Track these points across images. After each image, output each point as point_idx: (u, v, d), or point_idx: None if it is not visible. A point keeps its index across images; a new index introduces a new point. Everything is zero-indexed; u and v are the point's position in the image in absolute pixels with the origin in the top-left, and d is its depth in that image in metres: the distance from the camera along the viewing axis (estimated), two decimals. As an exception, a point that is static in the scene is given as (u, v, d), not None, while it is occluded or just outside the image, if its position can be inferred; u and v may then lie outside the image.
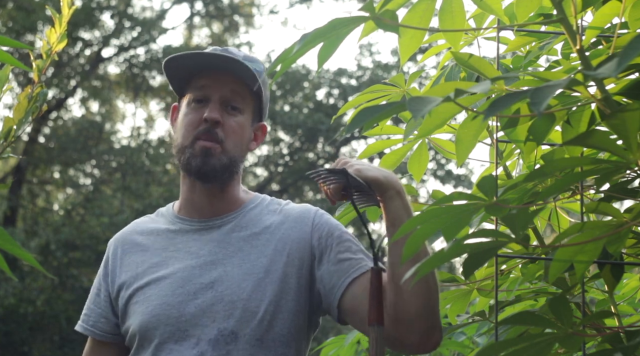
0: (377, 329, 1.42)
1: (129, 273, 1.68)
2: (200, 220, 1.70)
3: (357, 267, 1.61)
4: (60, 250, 12.66)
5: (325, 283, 1.62)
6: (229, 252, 1.65)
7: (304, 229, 1.67)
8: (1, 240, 0.89)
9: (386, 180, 1.50)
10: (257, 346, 1.58)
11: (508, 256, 1.52)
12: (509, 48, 1.48)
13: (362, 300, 1.56)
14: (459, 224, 0.94)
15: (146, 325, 1.61)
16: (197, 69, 1.70)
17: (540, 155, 1.32)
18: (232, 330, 1.57)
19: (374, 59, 16.68)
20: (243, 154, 1.71)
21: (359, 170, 1.50)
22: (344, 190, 1.52)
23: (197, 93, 1.68)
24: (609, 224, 0.99)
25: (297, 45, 1.03)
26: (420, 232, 0.94)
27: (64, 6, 1.32)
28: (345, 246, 1.64)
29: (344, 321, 1.63)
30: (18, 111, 1.23)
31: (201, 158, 1.64)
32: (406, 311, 1.50)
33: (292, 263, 1.63)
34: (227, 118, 1.67)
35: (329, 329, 12.63)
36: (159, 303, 1.61)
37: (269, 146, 16.47)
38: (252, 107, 1.72)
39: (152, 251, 1.70)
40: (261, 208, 1.73)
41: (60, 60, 14.27)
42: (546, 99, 0.81)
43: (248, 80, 1.68)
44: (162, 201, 12.92)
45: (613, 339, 1.16)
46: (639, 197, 1.21)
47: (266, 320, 1.58)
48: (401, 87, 1.64)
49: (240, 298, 1.59)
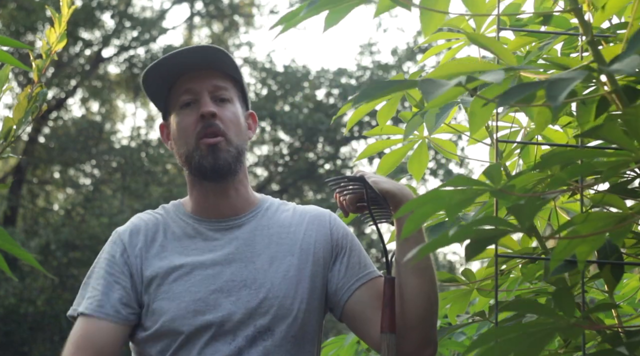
0: (389, 337, 1.45)
1: (152, 268, 1.63)
2: (220, 220, 1.69)
3: (367, 272, 1.65)
4: (60, 250, 12.66)
5: (333, 283, 1.65)
6: (257, 250, 1.65)
7: (324, 231, 1.70)
8: (1, 240, 0.89)
9: (401, 193, 1.54)
10: (291, 343, 1.60)
11: (508, 256, 1.52)
12: (509, 48, 1.48)
13: (367, 304, 1.61)
14: (462, 206, 0.94)
15: (181, 321, 1.58)
16: (177, 73, 1.69)
17: (541, 155, 1.32)
18: (269, 327, 1.59)
19: (374, 59, 16.69)
20: (245, 143, 1.71)
21: (375, 181, 1.52)
22: (358, 202, 1.55)
23: (184, 97, 1.68)
24: (613, 215, 0.98)
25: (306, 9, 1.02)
26: (422, 211, 0.94)
27: (63, 6, 1.32)
28: (357, 251, 1.68)
29: (341, 321, 1.67)
30: (18, 111, 1.23)
31: (211, 156, 1.63)
32: (406, 321, 1.54)
33: (318, 263, 1.66)
34: (220, 110, 1.67)
35: (329, 329, 12.64)
36: (193, 299, 1.59)
37: (269, 146, 16.47)
38: (237, 96, 1.73)
39: (172, 248, 1.66)
40: (275, 208, 1.74)
41: (60, 60, 14.27)
42: (564, 92, 0.79)
43: (227, 68, 1.69)
44: (162, 201, 12.86)
45: (613, 339, 1.16)
46: (639, 197, 1.21)
47: (300, 318, 1.61)
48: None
49: (275, 296, 1.60)
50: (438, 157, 14.68)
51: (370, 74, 15.98)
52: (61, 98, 14.88)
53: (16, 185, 13.93)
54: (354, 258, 1.66)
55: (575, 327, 0.96)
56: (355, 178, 1.50)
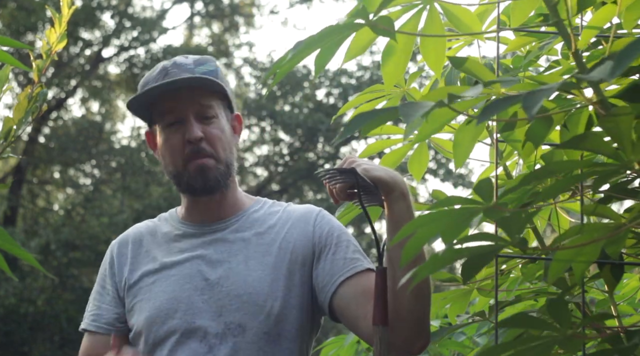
0: (381, 329, 1.43)
1: (136, 272, 1.71)
2: (205, 225, 1.73)
3: (352, 266, 1.62)
4: (60, 250, 12.66)
5: (319, 281, 1.64)
6: (234, 251, 1.68)
7: (307, 228, 1.69)
8: (1, 240, 0.89)
9: (392, 180, 1.50)
10: (264, 339, 1.60)
11: (508, 256, 1.52)
12: (509, 48, 1.48)
13: (352, 299, 1.59)
14: (458, 228, 0.94)
15: (154, 319, 1.63)
16: (155, 98, 1.68)
17: (540, 155, 1.32)
18: (240, 323, 1.60)
19: (373, 59, 16.69)
20: (234, 155, 1.73)
21: (366, 169, 1.50)
22: (349, 190, 1.53)
23: (170, 117, 1.68)
24: (607, 226, 0.99)
25: (291, 53, 1.03)
26: (419, 235, 0.94)
27: (63, 6, 1.32)
28: (342, 246, 1.66)
29: (337, 320, 1.66)
30: (18, 111, 1.23)
31: (200, 177, 1.66)
32: (398, 314, 1.50)
33: (296, 261, 1.66)
34: (206, 128, 1.67)
35: (329, 329, 12.62)
36: (166, 298, 1.64)
37: (269, 146, 16.48)
38: (222, 106, 1.73)
39: (157, 252, 1.72)
40: (264, 211, 1.75)
41: (60, 60, 14.27)
42: (538, 103, 0.82)
43: (210, 87, 1.69)
44: (162, 201, 12.92)
45: (613, 339, 1.16)
46: (638, 197, 1.21)
47: (273, 315, 1.61)
48: (401, 87, 1.64)
49: (246, 292, 1.62)
50: (438, 157, 14.68)
51: (370, 74, 15.98)
52: (61, 98, 14.88)
53: (16, 185, 13.93)
54: (339, 254, 1.64)
55: (573, 339, 0.96)
56: (345, 170, 1.49)
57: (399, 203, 1.50)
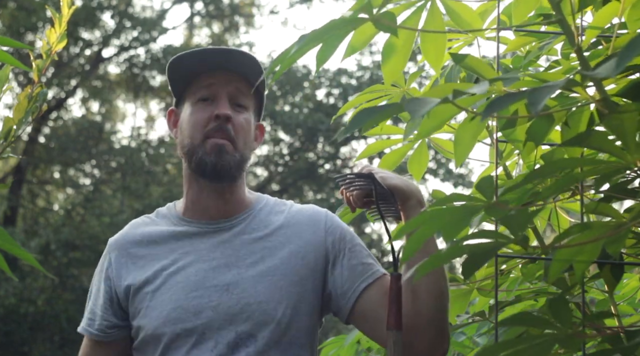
0: (396, 334, 1.44)
1: (137, 277, 1.64)
2: (209, 222, 1.67)
3: (371, 272, 1.62)
4: (60, 250, 12.66)
5: (338, 287, 1.62)
6: (242, 254, 1.63)
7: (318, 232, 1.66)
8: (1, 240, 0.89)
9: (409, 189, 1.52)
10: (274, 348, 1.57)
11: (508, 256, 1.52)
12: (509, 48, 1.48)
13: (375, 306, 1.59)
14: (459, 225, 0.94)
15: (162, 329, 1.58)
16: (202, 68, 1.68)
17: (540, 155, 1.32)
18: (250, 333, 1.57)
19: (373, 58, 16.69)
20: (250, 152, 1.70)
21: (383, 177, 1.51)
22: (365, 197, 1.54)
23: (204, 91, 1.67)
24: (608, 225, 0.99)
25: (295, 46, 1.03)
26: (420, 233, 0.94)
27: (63, 6, 1.32)
28: (357, 250, 1.65)
29: (350, 323, 1.65)
30: (18, 111, 1.23)
31: (215, 156, 1.62)
32: (419, 319, 1.51)
33: (308, 266, 1.63)
34: (235, 115, 1.66)
35: (329, 329, 12.63)
36: (173, 307, 1.59)
37: (269, 146, 16.47)
38: (253, 105, 1.72)
39: (158, 253, 1.66)
40: (269, 209, 1.71)
41: (60, 60, 14.27)
42: (543, 100, 0.81)
43: (252, 76, 1.68)
44: (162, 201, 12.92)
45: (613, 339, 1.16)
46: (639, 197, 1.21)
47: (284, 323, 1.58)
48: (401, 87, 1.64)
49: (256, 301, 1.58)
50: (438, 157, 14.68)
51: (370, 74, 15.98)
52: (61, 98, 14.89)
53: (16, 185, 13.93)
54: (355, 259, 1.63)
55: (574, 338, 0.96)
56: (363, 175, 1.50)
57: (416, 211, 1.51)
